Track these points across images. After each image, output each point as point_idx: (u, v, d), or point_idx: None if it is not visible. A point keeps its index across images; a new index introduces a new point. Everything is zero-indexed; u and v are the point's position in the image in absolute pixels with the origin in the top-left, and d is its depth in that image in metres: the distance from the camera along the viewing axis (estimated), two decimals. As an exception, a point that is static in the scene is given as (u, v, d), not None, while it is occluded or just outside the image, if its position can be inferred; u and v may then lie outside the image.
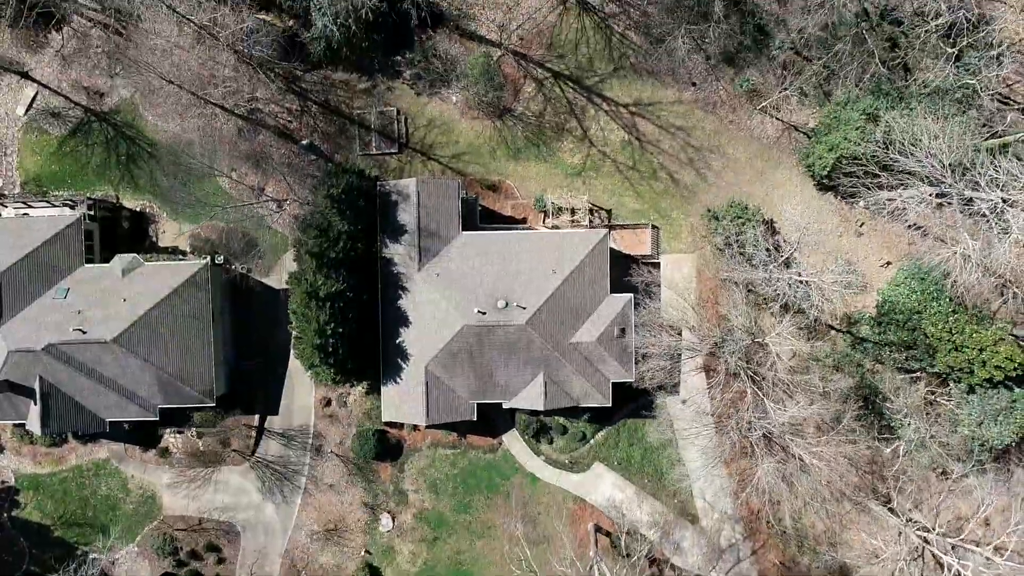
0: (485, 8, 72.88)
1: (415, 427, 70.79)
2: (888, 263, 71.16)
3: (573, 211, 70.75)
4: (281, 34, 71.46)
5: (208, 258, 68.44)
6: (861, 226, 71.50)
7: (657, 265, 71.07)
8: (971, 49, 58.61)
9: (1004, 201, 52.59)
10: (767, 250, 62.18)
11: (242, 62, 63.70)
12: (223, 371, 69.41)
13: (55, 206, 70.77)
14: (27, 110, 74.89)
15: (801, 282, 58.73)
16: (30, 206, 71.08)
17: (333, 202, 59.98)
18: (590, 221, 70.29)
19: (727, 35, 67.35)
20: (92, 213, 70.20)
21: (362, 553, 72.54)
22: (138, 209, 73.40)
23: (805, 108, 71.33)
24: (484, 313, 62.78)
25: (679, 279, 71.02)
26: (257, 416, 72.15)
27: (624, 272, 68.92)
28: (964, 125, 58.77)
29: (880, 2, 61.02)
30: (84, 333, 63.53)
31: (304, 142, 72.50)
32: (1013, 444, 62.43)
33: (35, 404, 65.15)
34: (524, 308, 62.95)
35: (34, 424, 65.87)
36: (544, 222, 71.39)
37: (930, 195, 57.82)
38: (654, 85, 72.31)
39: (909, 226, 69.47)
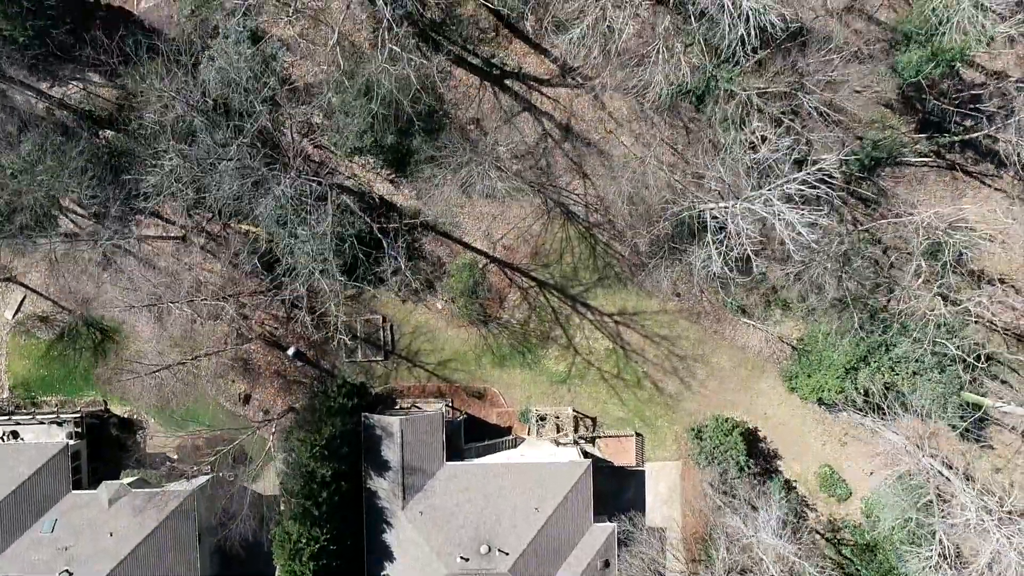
0: (470, 217, 73.06)
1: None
2: (872, 472, 71.55)
3: (558, 427, 71.20)
4: (266, 243, 71.79)
5: (195, 485, 68.81)
6: (844, 434, 71.85)
7: (642, 473, 71.94)
8: (949, 327, 58.98)
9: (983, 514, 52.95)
10: (745, 515, 62.47)
11: (226, 306, 64.11)
12: (210, 585, 70.02)
13: (42, 423, 71.13)
14: (15, 314, 75.32)
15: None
16: (18, 423, 71.48)
17: (316, 459, 60.38)
18: (576, 440, 70.66)
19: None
20: (80, 430, 70.68)
21: None
22: (125, 416, 73.88)
23: (789, 319, 71.57)
24: (467, 560, 63.16)
25: (664, 489, 71.87)
26: (245, 627, 72.74)
27: (608, 481, 69.79)
28: (943, 383, 59.00)
29: (859, 287, 61.33)
30: (71, 575, 64.05)
31: (291, 350, 72.91)
32: None
33: (22, 639, 65.83)
34: (507, 553, 63.31)
35: (21, 656, 66.59)
36: (529, 434, 71.86)
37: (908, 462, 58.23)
38: (639, 295, 72.61)
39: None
